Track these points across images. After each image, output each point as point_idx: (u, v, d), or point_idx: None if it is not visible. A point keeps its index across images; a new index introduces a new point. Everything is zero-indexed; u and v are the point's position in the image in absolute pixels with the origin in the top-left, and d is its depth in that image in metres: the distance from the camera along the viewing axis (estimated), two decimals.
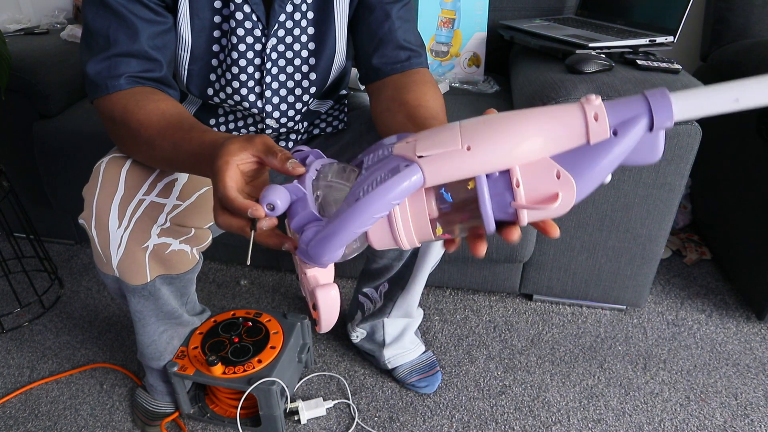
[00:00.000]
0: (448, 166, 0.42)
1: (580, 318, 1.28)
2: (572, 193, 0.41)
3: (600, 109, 0.40)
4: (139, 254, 0.79)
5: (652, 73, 1.05)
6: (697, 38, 1.59)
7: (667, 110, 0.40)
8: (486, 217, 0.42)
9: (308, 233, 0.46)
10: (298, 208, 0.48)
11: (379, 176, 0.44)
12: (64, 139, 1.32)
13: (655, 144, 0.41)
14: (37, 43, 1.51)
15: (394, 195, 0.42)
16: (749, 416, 1.03)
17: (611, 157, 0.40)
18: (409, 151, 0.44)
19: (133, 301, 0.86)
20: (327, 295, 0.51)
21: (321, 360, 1.17)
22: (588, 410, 1.05)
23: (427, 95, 0.77)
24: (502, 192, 0.42)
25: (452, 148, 0.42)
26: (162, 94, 0.71)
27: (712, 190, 1.43)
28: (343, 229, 0.44)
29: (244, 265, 1.49)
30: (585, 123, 0.41)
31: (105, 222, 0.75)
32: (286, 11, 0.79)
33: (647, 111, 0.40)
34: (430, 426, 1.02)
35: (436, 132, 0.44)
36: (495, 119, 0.43)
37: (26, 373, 1.16)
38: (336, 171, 0.52)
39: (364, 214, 0.43)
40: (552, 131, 0.41)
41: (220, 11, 0.78)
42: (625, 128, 0.40)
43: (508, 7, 1.45)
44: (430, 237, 0.46)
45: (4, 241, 1.57)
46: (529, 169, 0.41)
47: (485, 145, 0.41)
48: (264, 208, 0.48)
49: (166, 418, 1.02)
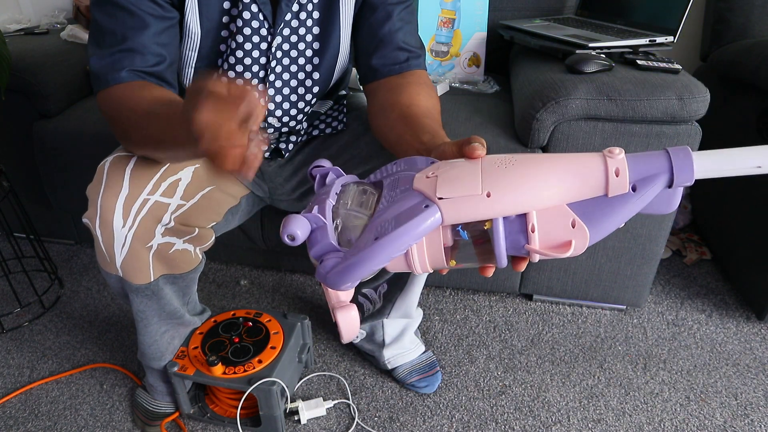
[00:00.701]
0: (467, 210, 0.43)
1: (580, 318, 1.28)
2: (585, 241, 0.42)
3: (622, 164, 0.41)
4: (143, 253, 0.79)
5: (652, 73, 1.05)
6: (697, 38, 1.59)
7: (688, 170, 0.40)
8: (499, 257, 0.44)
9: (327, 264, 0.47)
10: (318, 237, 0.49)
11: (400, 213, 0.45)
12: (64, 139, 1.32)
13: (671, 197, 0.42)
14: (37, 43, 1.51)
15: (414, 236, 0.44)
16: (749, 416, 1.03)
17: (627, 210, 0.41)
18: (430, 189, 0.45)
19: (135, 301, 0.86)
20: (347, 316, 0.52)
21: (321, 360, 1.17)
22: (588, 410, 1.05)
23: (420, 95, 0.77)
24: (516, 234, 0.43)
25: (473, 193, 0.43)
26: (160, 87, 0.73)
27: (712, 190, 1.43)
28: (363, 266, 0.45)
29: (244, 265, 1.49)
30: (605, 176, 0.41)
31: (109, 221, 0.75)
32: (292, 10, 0.80)
33: (668, 170, 0.40)
34: (430, 426, 1.02)
35: (456, 172, 0.45)
36: (517, 164, 0.44)
37: (26, 373, 1.16)
38: (355, 196, 0.52)
39: (384, 254, 0.44)
40: (572, 181, 0.42)
41: (228, 11, 0.78)
42: (644, 184, 0.41)
43: (508, 7, 1.45)
44: (443, 266, 0.47)
45: (4, 241, 1.57)
46: (546, 215, 0.42)
47: (505, 193, 0.42)
48: (285, 239, 0.48)
49: (166, 418, 1.02)
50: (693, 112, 0.98)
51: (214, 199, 0.88)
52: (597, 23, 1.32)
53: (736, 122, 1.29)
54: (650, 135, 1.02)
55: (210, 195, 0.86)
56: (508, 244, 0.44)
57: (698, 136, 1.01)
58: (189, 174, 0.82)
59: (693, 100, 0.97)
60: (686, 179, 0.40)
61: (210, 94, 0.44)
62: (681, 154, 0.40)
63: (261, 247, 1.29)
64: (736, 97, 1.31)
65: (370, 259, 0.44)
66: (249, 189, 0.98)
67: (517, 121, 1.12)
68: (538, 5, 1.46)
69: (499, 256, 0.44)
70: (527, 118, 1.06)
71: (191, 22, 0.77)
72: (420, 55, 0.85)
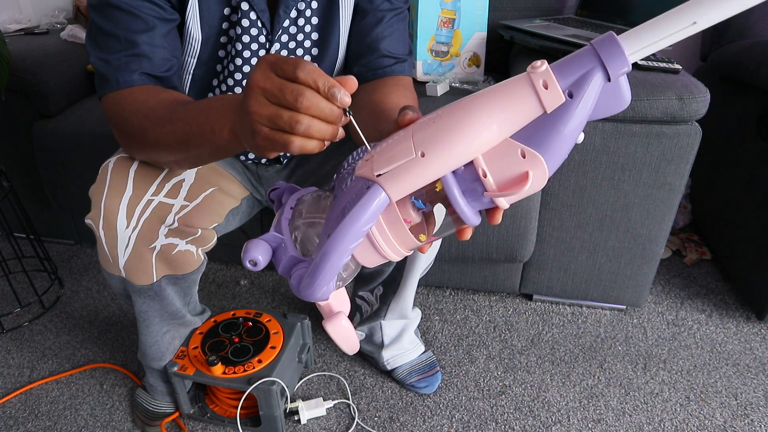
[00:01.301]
0: (408, 177, 0.41)
1: (580, 318, 1.28)
2: (542, 168, 0.39)
3: (547, 75, 0.37)
4: (146, 254, 0.79)
5: (652, 73, 1.05)
6: (697, 38, 1.59)
7: (619, 56, 0.36)
8: (463, 214, 0.41)
9: (295, 277, 0.46)
10: (281, 255, 0.48)
11: (345, 204, 0.43)
12: (64, 139, 1.32)
13: (618, 91, 0.38)
14: (37, 43, 1.51)
15: (363, 221, 0.41)
16: (749, 416, 1.03)
17: (574, 120, 0.38)
18: (368, 171, 0.42)
19: (138, 302, 0.86)
20: (337, 326, 0.51)
21: (321, 360, 1.17)
22: (588, 410, 1.05)
23: (392, 95, 0.77)
24: (471, 185, 0.41)
25: (407, 159, 0.41)
26: (174, 90, 0.72)
27: (712, 190, 1.43)
28: (325, 267, 0.43)
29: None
30: (536, 94, 0.38)
31: (113, 222, 0.75)
32: (290, 17, 0.79)
33: (598, 63, 0.36)
34: (430, 426, 1.02)
35: (390, 145, 0.43)
36: (445, 116, 0.41)
37: (26, 373, 1.16)
38: (310, 204, 0.51)
39: (340, 247, 0.42)
40: (504, 112, 0.39)
41: (228, 18, 0.78)
42: (579, 86, 0.37)
43: (508, 7, 1.45)
44: (415, 244, 0.45)
45: (4, 241, 1.57)
46: (493, 154, 0.40)
47: (439, 148, 0.40)
48: (247, 265, 0.47)
49: (166, 418, 1.02)
50: (693, 112, 0.98)
51: (217, 200, 0.88)
52: (597, 23, 1.32)
53: (736, 122, 1.29)
54: (650, 135, 1.02)
55: (212, 196, 0.86)
56: (468, 200, 0.41)
57: (698, 136, 1.01)
58: (192, 175, 0.82)
59: (693, 100, 0.97)
60: (621, 65, 0.36)
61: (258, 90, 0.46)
62: (606, 41, 0.36)
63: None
64: (736, 97, 1.31)
65: (329, 257, 0.43)
66: (249, 191, 0.98)
67: None
68: (538, 5, 1.46)
69: (463, 214, 0.41)
70: None
71: (192, 27, 0.76)
72: (405, 60, 0.85)
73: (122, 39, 0.69)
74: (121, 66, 0.69)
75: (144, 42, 0.70)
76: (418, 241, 0.45)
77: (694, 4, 0.34)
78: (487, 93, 0.40)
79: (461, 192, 0.41)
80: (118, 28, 0.69)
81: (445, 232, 0.46)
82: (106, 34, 0.70)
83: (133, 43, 0.69)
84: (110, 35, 0.69)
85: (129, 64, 0.69)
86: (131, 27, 0.69)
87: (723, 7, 0.33)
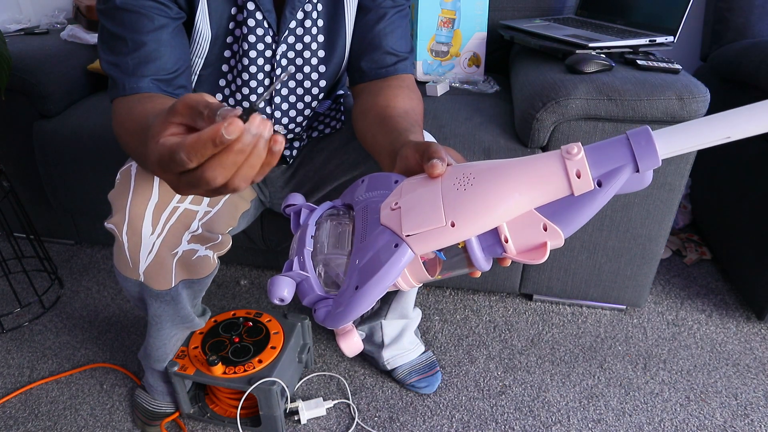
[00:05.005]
0: (436, 241, 0.44)
1: (580, 318, 1.28)
2: (560, 240, 0.41)
3: (581, 164, 0.39)
4: (168, 260, 0.79)
5: (652, 73, 1.05)
6: (697, 38, 1.59)
7: (652, 155, 0.38)
8: (478, 264, 0.45)
9: (320, 312, 0.50)
10: (306, 289, 0.51)
11: (372, 257, 0.46)
12: (64, 139, 1.32)
13: (642, 177, 0.40)
14: (37, 43, 1.51)
15: (391, 278, 0.45)
16: (749, 416, 1.03)
17: (597, 203, 0.40)
18: (396, 226, 0.46)
19: (153, 306, 0.85)
20: (349, 341, 0.54)
21: (321, 360, 1.17)
22: (588, 410, 1.05)
23: (398, 97, 0.77)
24: (492, 245, 0.44)
25: (437, 226, 0.43)
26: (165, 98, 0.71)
27: (712, 190, 1.43)
28: (350, 314, 0.47)
29: (244, 265, 1.49)
30: (567, 179, 0.40)
31: (138, 228, 0.74)
32: (296, 18, 0.79)
33: (631, 159, 0.38)
34: (430, 426, 1.02)
35: (420, 203, 0.46)
36: (476, 183, 0.44)
37: (26, 373, 1.16)
38: (330, 236, 0.54)
39: (367, 300, 0.46)
40: (535, 190, 0.41)
41: (234, 17, 0.78)
42: (609, 178, 0.39)
43: (508, 7, 1.45)
44: (427, 279, 0.48)
45: (4, 241, 1.57)
46: (516, 223, 0.42)
47: (470, 219, 0.43)
48: (275, 301, 0.50)
49: (166, 418, 1.02)
50: (693, 112, 0.98)
51: (233, 204, 0.89)
52: (597, 23, 1.32)
53: None
54: None
55: (230, 200, 0.87)
56: (486, 255, 0.44)
57: None
58: None
59: (693, 100, 0.97)
60: (652, 164, 0.38)
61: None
62: (642, 139, 0.38)
63: (261, 247, 1.29)
64: (736, 97, 1.31)
65: (356, 307, 0.46)
66: (255, 192, 0.98)
67: (517, 121, 1.12)
68: (538, 5, 1.46)
69: (479, 264, 0.45)
70: (527, 118, 1.06)
71: (202, 26, 0.76)
72: (407, 58, 0.85)
73: (130, 40, 0.69)
74: (130, 70, 0.69)
75: (152, 41, 0.70)
76: (431, 278, 0.48)
77: (731, 119, 0.36)
78: (520, 167, 0.43)
79: (481, 249, 0.44)
80: (126, 30, 0.69)
81: (455, 272, 0.49)
82: (116, 38, 0.70)
83: (141, 44, 0.69)
84: (119, 38, 0.70)
85: (137, 69, 0.69)
86: (139, 27, 0.69)
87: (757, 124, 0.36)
